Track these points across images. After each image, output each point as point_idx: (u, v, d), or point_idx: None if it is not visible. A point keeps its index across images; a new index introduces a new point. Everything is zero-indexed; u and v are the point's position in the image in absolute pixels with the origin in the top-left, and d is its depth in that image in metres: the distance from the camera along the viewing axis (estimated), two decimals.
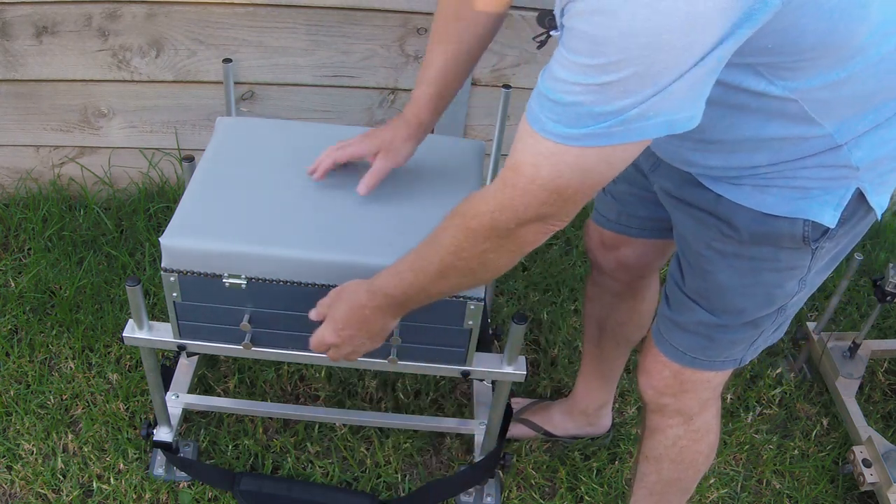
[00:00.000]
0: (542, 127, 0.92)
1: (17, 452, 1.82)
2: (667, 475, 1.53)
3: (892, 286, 1.92)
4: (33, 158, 2.39)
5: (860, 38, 0.96)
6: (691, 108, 0.89)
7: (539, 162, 0.93)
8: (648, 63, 0.82)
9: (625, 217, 1.53)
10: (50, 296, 2.15)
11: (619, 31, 0.81)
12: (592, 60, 0.84)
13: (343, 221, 1.42)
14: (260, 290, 1.39)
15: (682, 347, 1.34)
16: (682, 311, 1.32)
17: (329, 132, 1.66)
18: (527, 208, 0.98)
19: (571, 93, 0.88)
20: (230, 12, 2.14)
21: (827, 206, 1.12)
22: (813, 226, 1.14)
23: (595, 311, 1.76)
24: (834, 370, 2.09)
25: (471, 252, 1.07)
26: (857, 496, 1.94)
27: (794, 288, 1.23)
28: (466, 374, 1.52)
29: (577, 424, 1.95)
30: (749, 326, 1.29)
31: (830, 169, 1.10)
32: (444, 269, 1.12)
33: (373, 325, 1.27)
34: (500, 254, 1.06)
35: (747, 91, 1.01)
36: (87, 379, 1.97)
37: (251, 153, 1.55)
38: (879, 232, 2.66)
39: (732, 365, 1.35)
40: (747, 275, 1.22)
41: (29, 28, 2.11)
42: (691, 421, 1.44)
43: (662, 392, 1.40)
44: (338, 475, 1.84)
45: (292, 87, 2.31)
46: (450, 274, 1.12)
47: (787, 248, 1.17)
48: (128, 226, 2.36)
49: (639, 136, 0.89)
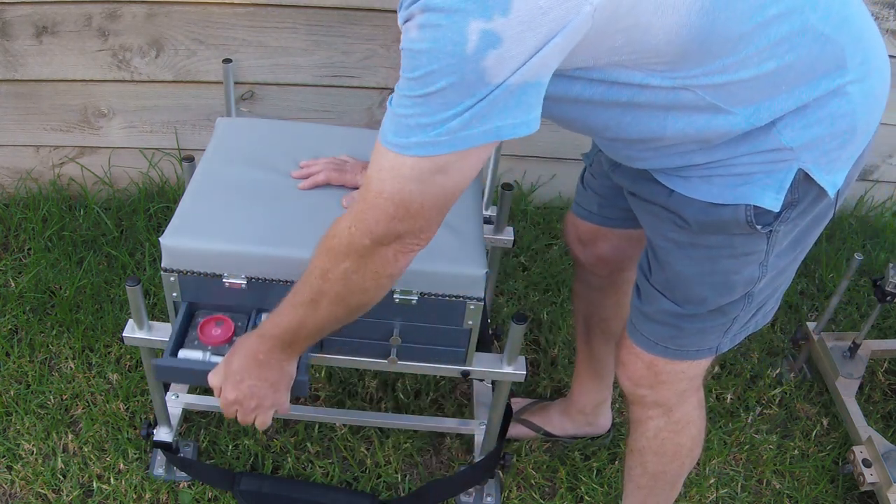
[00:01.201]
0: (384, 138, 0.98)
1: (17, 452, 1.82)
2: (651, 468, 1.55)
3: (892, 286, 1.92)
4: (33, 158, 2.39)
5: (737, 25, 0.99)
6: (518, 115, 0.94)
7: (383, 175, 1.00)
8: (460, 74, 0.89)
9: (606, 209, 1.54)
10: (50, 296, 2.15)
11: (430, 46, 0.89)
12: (412, 74, 0.92)
13: None
14: (260, 290, 1.39)
15: (653, 337, 1.35)
16: (650, 301, 1.33)
17: (329, 132, 1.66)
18: (377, 222, 1.03)
19: (403, 105, 0.95)
20: (230, 12, 2.14)
21: (768, 190, 1.13)
22: (756, 210, 1.15)
23: (581, 307, 1.78)
24: (834, 370, 2.09)
25: (335, 273, 1.11)
26: (857, 496, 1.94)
27: (754, 273, 1.24)
28: (466, 374, 1.52)
29: (575, 424, 1.95)
30: (717, 314, 1.29)
31: (765, 153, 1.11)
32: (314, 296, 1.15)
33: (270, 372, 1.29)
34: (363, 275, 1.10)
35: (628, 84, 1.04)
36: (87, 379, 1.97)
37: (251, 153, 1.55)
38: (879, 232, 2.66)
39: (708, 354, 1.36)
40: (704, 263, 1.23)
41: (29, 28, 2.11)
42: (671, 413, 1.45)
43: (638, 383, 1.42)
44: (338, 475, 1.84)
45: (292, 87, 2.31)
46: (321, 301, 1.15)
47: (739, 235, 1.19)
48: (128, 226, 2.36)
49: (465, 144, 0.95)
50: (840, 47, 1.06)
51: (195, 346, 1.39)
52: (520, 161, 2.52)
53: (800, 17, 1.02)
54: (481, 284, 1.37)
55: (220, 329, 1.41)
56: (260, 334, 1.27)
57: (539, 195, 2.60)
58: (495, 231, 1.76)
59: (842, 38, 1.06)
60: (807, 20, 1.02)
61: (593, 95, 1.05)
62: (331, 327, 1.22)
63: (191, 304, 1.42)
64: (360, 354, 1.49)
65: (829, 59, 1.06)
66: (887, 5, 2.26)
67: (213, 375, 1.32)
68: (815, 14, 1.03)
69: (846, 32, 1.07)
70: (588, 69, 1.00)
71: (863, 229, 2.66)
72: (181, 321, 1.40)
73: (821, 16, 1.04)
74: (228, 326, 1.41)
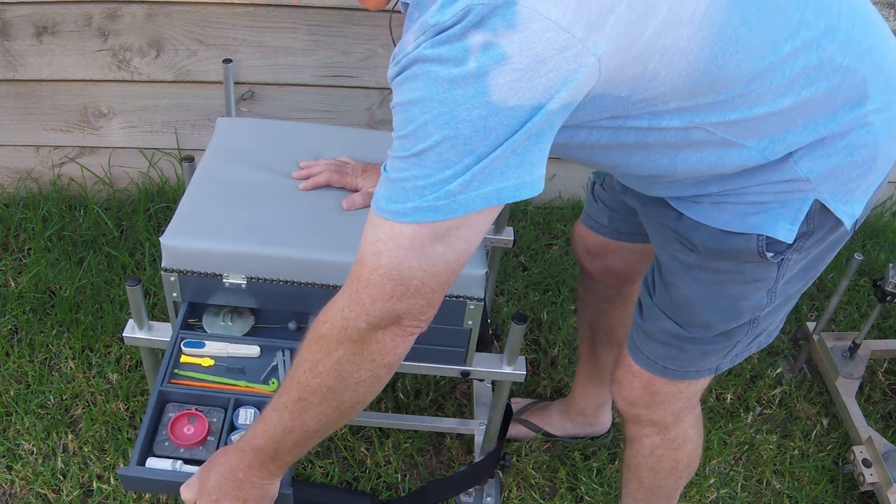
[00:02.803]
0: (377, 206, 0.92)
1: (17, 452, 1.82)
2: (647, 483, 1.53)
3: (892, 286, 1.92)
4: (33, 158, 2.39)
5: (750, 65, 0.94)
6: (521, 175, 0.88)
7: (379, 249, 0.92)
8: (453, 126, 0.83)
9: (618, 223, 1.52)
10: (50, 296, 2.15)
11: (422, 94, 0.84)
12: (404, 130, 0.87)
13: (343, 221, 1.42)
14: (260, 290, 1.39)
15: (653, 356, 1.32)
16: (652, 319, 1.30)
17: (329, 132, 1.66)
18: (374, 302, 0.94)
19: (397, 168, 0.89)
20: (230, 12, 2.14)
21: (782, 220, 1.09)
22: (768, 241, 1.11)
23: (587, 314, 1.76)
24: (834, 370, 2.09)
25: (326, 365, 1.01)
26: (857, 496, 1.94)
27: (762, 300, 1.20)
28: (466, 374, 1.52)
29: (576, 425, 1.95)
30: (721, 338, 1.26)
31: (781, 183, 1.07)
32: (302, 393, 1.04)
33: (250, 491, 1.15)
34: (357, 365, 1.00)
35: (636, 128, 0.99)
36: (87, 379, 1.97)
37: (251, 153, 1.55)
38: (879, 232, 2.66)
39: (707, 374, 1.33)
40: (712, 287, 1.20)
41: (29, 28, 2.11)
42: (667, 431, 1.43)
43: (633, 403, 1.39)
44: (338, 475, 1.84)
45: (292, 87, 2.31)
46: (310, 400, 1.04)
47: (750, 262, 1.15)
48: (128, 226, 2.36)
49: (466, 208, 0.89)
50: (861, 77, 1.02)
51: (165, 449, 1.26)
52: None
53: (816, 52, 0.98)
54: (481, 284, 1.37)
55: (192, 427, 1.28)
56: (239, 448, 1.14)
57: (539, 195, 2.60)
58: (495, 231, 1.76)
59: (863, 67, 1.02)
60: (824, 54, 0.98)
61: (599, 139, 1.01)
62: (317, 437, 1.10)
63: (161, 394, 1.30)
64: None
65: (850, 90, 1.02)
66: (887, 5, 2.26)
67: (187, 489, 1.18)
68: (833, 45, 0.99)
69: (868, 62, 1.03)
70: (592, 120, 0.96)
71: (863, 229, 2.66)
72: (150, 417, 1.26)
73: (839, 47, 0.99)
74: (202, 424, 1.28)
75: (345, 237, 1.39)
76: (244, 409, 1.30)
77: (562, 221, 2.56)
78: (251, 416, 1.29)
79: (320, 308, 1.38)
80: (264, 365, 1.38)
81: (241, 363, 1.37)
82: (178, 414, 1.29)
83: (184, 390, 1.32)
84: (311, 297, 1.38)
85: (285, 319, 1.44)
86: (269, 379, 1.35)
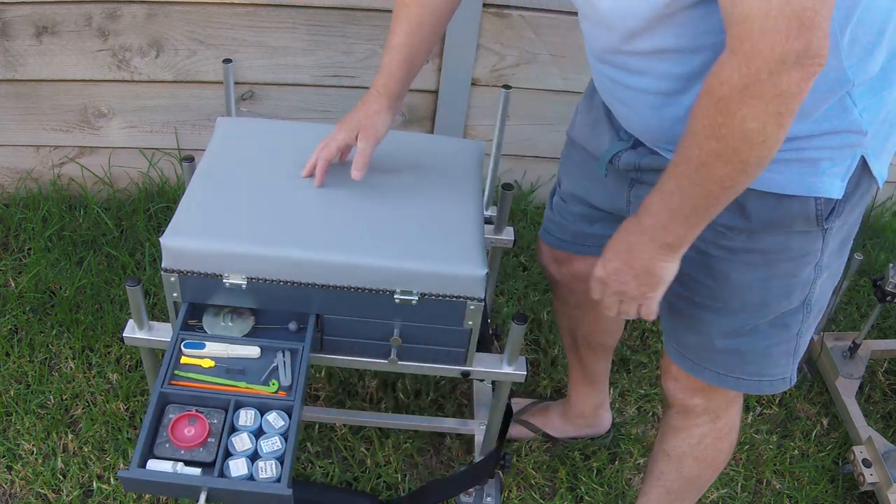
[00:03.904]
0: None
1: (17, 452, 1.82)
2: (687, 472, 1.52)
3: (892, 286, 1.92)
4: (33, 158, 2.39)
5: None
6: None
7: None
8: None
9: (580, 237, 1.51)
10: (50, 296, 2.15)
11: None
12: None
13: (343, 221, 1.42)
14: (260, 291, 1.39)
15: (721, 370, 1.31)
16: (698, 326, 1.28)
17: (329, 132, 1.65)
18: (773, 48, 0.90)
19: None
20: (230, 12, 2.14)
21: (835, 179, 1.10)
22: (825, 202, 1.12)
23: (564, 322, 1.77)
24: (834, 370, 2.09)
25: (729, 126, 0.96)
26: (857, 496, 1.94)
27: (810, 275, 1.21)
28: (466, 375, 1.52)
29: (576, 427, 1.95)
30: (778, 329, 1.25)
31: (841, 135, 1.08)
32: (704, 159, 1.00)
33: (637, 258, 1.14)
34: (763, 120, 0.95)
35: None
36: (87, 379, 1.97)
37: (251, 153, 1.55)
38: (879, 232, 2.66)
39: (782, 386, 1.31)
40: (761, 268, 1.20)
41: (29, 28, 2.11)
42: (718, 419, 1.43)
43: (694, 395, 1.38)
44: (338, 475, 1.84)
45: (292, 87, 2.31)
46: (713, 165, 1.00)
47: (798, 233, 1.16)
48: (128, 226, 2.36)
49: None
50: None
51: (165, 451, 1.25)
52: (520, 161, 2.52)
53: None
54: (481, 285, 1.37)
55: (193, 428, 1.27)
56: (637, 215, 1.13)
57: (539, 195, 2.60)
58: (495, 231, 1.76)
59: None
60: None
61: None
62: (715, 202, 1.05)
63: (162, 395, 1.30)
64: (360, 354, 1.48)
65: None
66: None
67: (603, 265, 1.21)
68: None
69: None
70: None
71: (863, 229, 2.66)
72: (150, 418, 1.26)
73: None
74: (202, 425, 1.27)
75: (346, 237, 1.39)
76: (244, 410, 1.30)
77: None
78: (252, 417, 1.29)
79: (320, 308, 1.41)
80: (264, 366, 1.37)
81: (241, 364, 1.37)
82: (178, 415, 1.29)
83: (184, 391, 1.31)
84: (311, 297, 1.38)
85: (285, 320, 1.44)
86: (270, 380, 1.35)
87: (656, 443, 1.57)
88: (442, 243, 1.40)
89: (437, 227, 1.43)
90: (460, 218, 1.46)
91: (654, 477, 1.59)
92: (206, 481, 1.21)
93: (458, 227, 1.44)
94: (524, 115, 2.39)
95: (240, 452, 1.25)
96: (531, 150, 2.50)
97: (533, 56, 2.25)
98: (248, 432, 1.28)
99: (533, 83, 2.31)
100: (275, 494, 1.21)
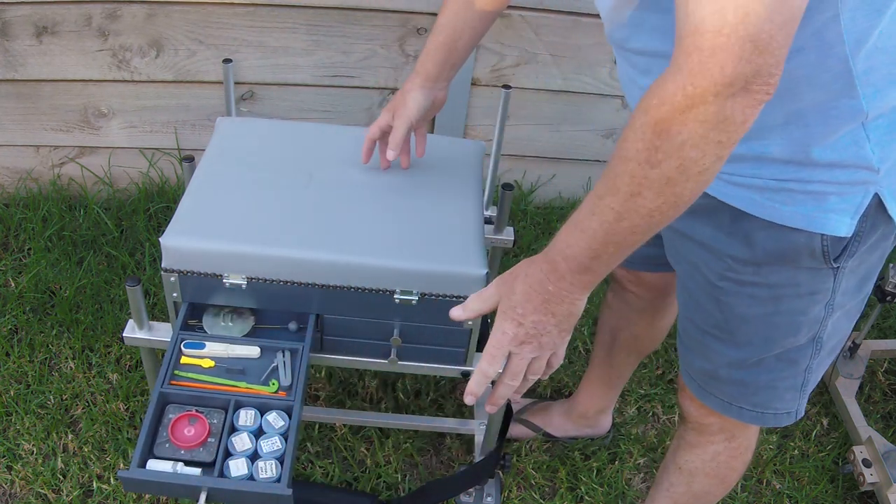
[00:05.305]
0: None
1: (17, 452, 1.82)
2: (697, 488, 1.50)
3: (892, 286, 1.92)
4: (33, 158, 2.39)
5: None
6: None
7: (723, 5, 0.79)
8: None
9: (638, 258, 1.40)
10: (50, 296, 2.15)
11: None
12: None
13: (343, 221, 1.42)
14: (260, 290, 1.39)
15: (726, 398, 1.29)
16: (705, 353, 1.27)
17: (329, 132, 1.66)
18: (723, 69, 0.81)
19: None
20: (230, 12, 2.14)
21: (844, 216, 1.04)
22: (833, 240, 1.06)
23: (612, 319, 1.73)
24: (834, 370, 2.09)
25: (666, 151, 0.86)
26: (857, 496, 1.94)
27: (820, 313, 1.16)
28: (466, 374, 1.52)
29: (576, 426, 1.95)
30: (785, 364, 1.22)
31: (849, 170, 1.02)
32: (636, 189, 0.90)
33: (559, 306, 1.03)
34: (703, 148, 0.85)
35: None
36: (87, 379, 1.97)
37: (251, 153, 1.55)
38: None
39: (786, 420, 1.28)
40: (767, 303, 1.16)
41: (29, 28, 2.11)
42: (734, 438, 1.40)
43: (709, 414, 1.36)
44: (338, 475, 1.84)
45: (292, 87, 2.31)
46: (642, 194, 0.89)
47: (806, 269, 1.11)
48: (128, 226, 2.36)
49: None
50: None
51: (165, 451, 1.25)
52: (520, 161, 2.52)
53: None
54: (481, 284, 1.37)
55: (193, 428, 1.27)
56: (549, 259, 1.02)
57: (539, 195, 2.60)
58: (495, 231, 1.76)
59: None
60: None
61: None
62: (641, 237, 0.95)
63: (162, 395, 1.30)
64: (360, 354, 1.49)
65: None
66: None
67: (478, 300, 1.11)
68: None
69: None
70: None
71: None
72: (150, 418, 1.26)
73: None
74: (202, 426, 1.28)
75: (346, 237, 1.39)
76: (244, 410, 1.30)
77: (562, 221, 2.55)
78: (251, 417, 1.29)
79: (320, 308, 1.41)
80: (264, 366, 1.38)
81: (241, 364, 1.37)
82: (178, 415, 1.29)
83: (184, 391, 1.31)
84: (311, 297, 1.38)
85: (286, 320, 1.44)
86: (270, 380, 1.35)
87: (669, 453, 1.54)
88: (442, 243, 1.40)
89: (437, 227, 1.43)
90: (460, 218, 1.46)
91: (663, 487, 1.56)
92: (206, 481, 1.21)
93: (458, 226, 1.44)
94: (524, 115, 2.39)
95: (240, 452, 1.25)
96: (531, 150, 2.50)
97: (533, 56, 2.25)
98: (248, 432, 1.28)
99: (533, 83, 2.31)
100: (275, 494, 1.21)
